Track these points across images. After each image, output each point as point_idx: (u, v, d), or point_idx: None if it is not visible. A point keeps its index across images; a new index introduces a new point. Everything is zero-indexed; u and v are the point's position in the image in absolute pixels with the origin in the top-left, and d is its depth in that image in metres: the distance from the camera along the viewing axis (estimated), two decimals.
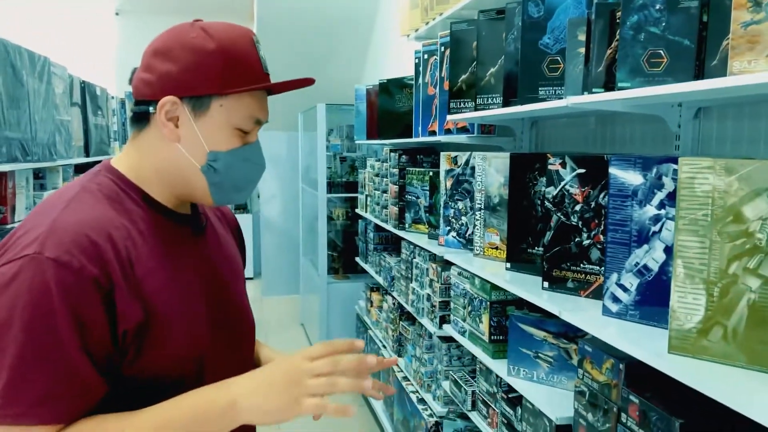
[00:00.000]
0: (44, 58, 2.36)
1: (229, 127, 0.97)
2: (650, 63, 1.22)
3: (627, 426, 1.23)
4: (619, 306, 1.38)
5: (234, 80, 0.94)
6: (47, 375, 0.81)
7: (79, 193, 0.94)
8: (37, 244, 0.84)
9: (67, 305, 0.82)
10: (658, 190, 1.32)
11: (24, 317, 0.81)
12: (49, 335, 0.81)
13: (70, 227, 0.86)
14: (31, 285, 0.81)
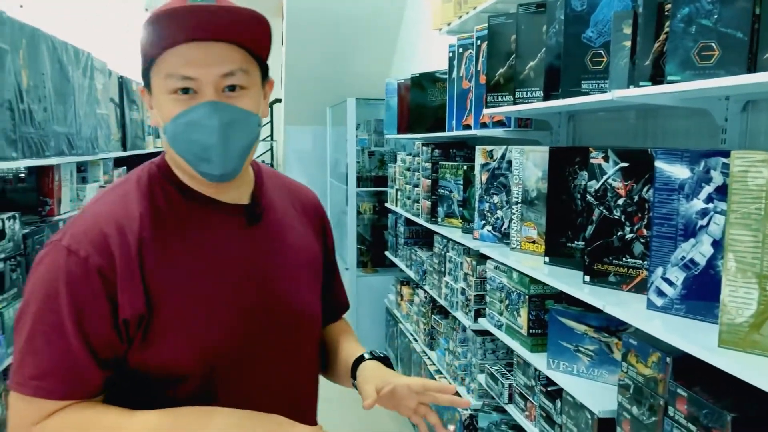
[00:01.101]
0: (87, 53, 2.42)
1: (165, 93, 0.93)
2: (701, 56, 1.21)
3: (674, 419, 1.24)
4: (664, 300, 1.38)
5: (154, 46, 0.92)
6: (46, 352, 0.88)
7: (116, 187, 1.01)
8: (62, 232, 0.93)
9: (69, 290, 0.88)
10: (705, 184, 1.31)
11: (37, 298, 0.89)
12: (51, 316, 0.88)
13: (88, 219, 0.94)
14: (47, 269, 0.90)
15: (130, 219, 0.93)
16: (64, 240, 0.91)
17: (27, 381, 0.88)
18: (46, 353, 0.87)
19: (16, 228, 1.68)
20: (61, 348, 0.88)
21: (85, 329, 0.88)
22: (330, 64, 5.89)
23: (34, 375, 0.87)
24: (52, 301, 0.88)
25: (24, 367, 0.88)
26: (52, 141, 1.98)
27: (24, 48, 1.77)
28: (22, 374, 0.88)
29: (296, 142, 6.74)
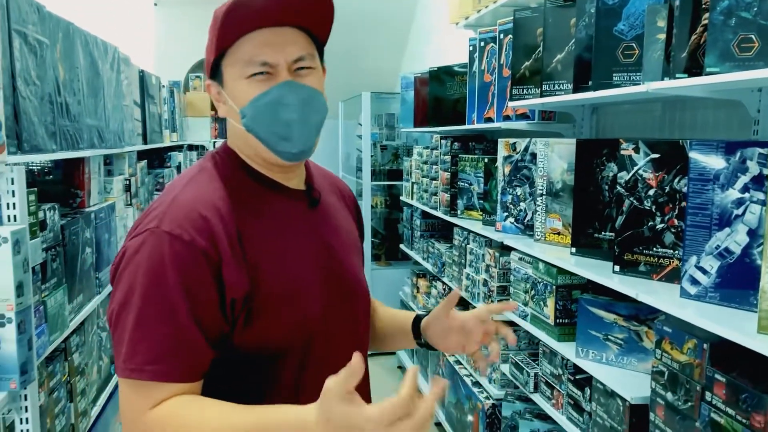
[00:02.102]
0: (115, 47, 2.44)
1: (241, 79, 0.98)
2: (740, 48, 1.23)
3: (712, 404, 1.26)
4: (698, 288, 1.40)
5: (225, 37, 0.97)
6: (159, 337, 0.88)
7: (197, 174, 1.02)
8: (157, 219, 0.93)
9: (179, 274, 0.89)
10: (741, 174, 1.33)
11: (143, 284, 0.89)
12: (162, 300, 0.89)
13: (184, 204, 0.94)
14: (149, 255, 0.90)
15: (223, 202, 0.96)
16: (164, 226, 0.91)
17: (143, 366, 0.87)
18: (161, 336, 0.88)
19: (56, 219, 1.71)
20: (175, 330, 0.89)
21: (196, 311, 0.90)
22: (341, 58, 5.88)
23: (150, 359, 0.88)
24: (160, 286, 0.89)
25: (137, 354, 0.88)
26: (85, 134, 2.01)
27: (60, 42, 1.80)
28: (135, 360, 0.87)
29: None
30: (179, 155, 4.55)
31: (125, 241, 0.96)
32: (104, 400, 2.17)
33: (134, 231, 0.96)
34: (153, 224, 0.92)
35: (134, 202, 2.76)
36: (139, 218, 0.99)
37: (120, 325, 0.90)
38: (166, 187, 1.04)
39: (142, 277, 0.89)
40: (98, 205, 2.24)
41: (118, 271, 0.93)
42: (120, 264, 0.93)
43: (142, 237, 0.92)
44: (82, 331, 1.95)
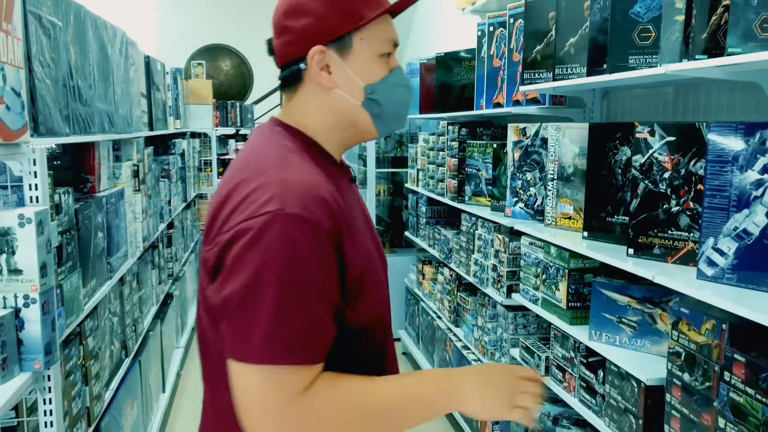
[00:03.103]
0: (123, 32, 2.43)
1: (375, 56, 1.01)
2: (763, 28, 1.23)
3: (731, 384, 1.27)
4: (715, 270, 1.41)
5: (363, 11, 0.99)
6: (300, 321, 0.87)
7: (285, 154, 0.98)
8: (277, 201, 0.88)
9: (313, 257, 0.88)
10: (761, 155, 1.33)
11: (278, 268, 0.86)
12: (301, 284, 0.87)
13: (300, 185, 0.91)
14: (280, 239, 0.86)
15: (327, 184, 0.96)
16: (289, 208, 0.87)
17: (288, 352, 0.86)
18: (303, 320, 0.87)
19: (70, 202, 1.71)
20: (315, 313, 0.88)
21: (327, 293, 0.90)
22: None
23: (295, 344, 0.86)
24: (297, 269, 0.86)
25: (281, 339, 0.85)
26: (96, 118, 2.01)
27: (72, 25, 1.79)
28: (279, 346, 0.85)
29: None
30: (183, 142, 4.54)
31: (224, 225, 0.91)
32: (117, 384, 2.18)
33: (243, 214, 0.89)
34: (275, 206, 0.88)
35: (142, 188, 2.76)
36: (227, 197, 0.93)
37: (250, 309, 0.86)
38: (251, 167, 0.96)
39: (277, 261, 0.86)
40: (108, 190, 2.24)
41: (235, 254, 0.87)
42: (234, 247, 0.87)
43: (264, 219, 0.87)
44: (96, 316, 1.95)
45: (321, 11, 0.99)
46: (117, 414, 2.17)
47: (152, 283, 3.14)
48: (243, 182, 0.93)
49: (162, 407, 3.11)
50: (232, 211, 0.90)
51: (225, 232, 0.89)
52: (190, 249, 4.79)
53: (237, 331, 0.87)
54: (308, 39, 0.99)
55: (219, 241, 0.90)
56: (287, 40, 1.01)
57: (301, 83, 1.03)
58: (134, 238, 2.62)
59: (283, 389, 0.86)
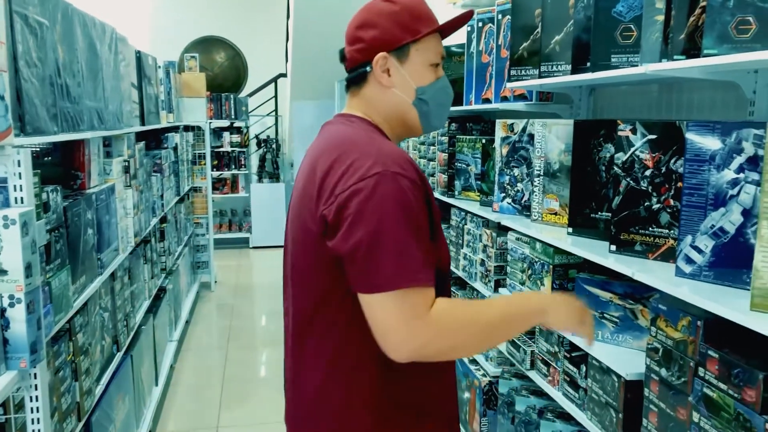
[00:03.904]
0: (112, 28, 2.43)
1: (426, 64, 1.26)
2: (738, 30, 1.25)
3: (705, 380, 1.30)
4: (692, 267, 1.43)
5: (420, 27, 1.24)
6: (417, 252, 1.07)
7: (370, 134, 1.22)
8: (379, 164, 1.10)
9: (416, 202, 1.10)
10: (737, 155, 1.35)
11: (394, 214, 1.07)
12: (412, 224, 1.08)
13: (393, 152, 1.15)
14: (391, 191, 1.08)
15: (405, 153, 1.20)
16: (391, 168, 1.09)
17: (416, 275, 1.06)
18: (421, 251, 1.07)
19: (59, 200, 1.72)
20: (426, 245, 1.10)
21: (427, 230, 1.13)
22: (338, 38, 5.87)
23: (420, 268, 1.07)
24: (407, 213, 1.07)
25: (409, 266, 1.06)
26: (85, 115, 2.02)
27: (59, 23, 1.79)
28: (409, 271, 1.05)
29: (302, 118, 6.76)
30: (176, 136, 4.54)
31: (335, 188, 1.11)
32: (107, 379, 2.20)
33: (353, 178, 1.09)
34: (379, 168, 1.09)
35: (133, 183, 2.77)
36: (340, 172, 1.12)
37: (378, 248, 1.05)
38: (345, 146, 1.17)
39: (392, 208, 1.06)
40: (98, 187, 2.25)
41: (356, 208, 1.06)
42: (351, 203, 1.07)
43: (374, 179, 1.08)
44: (86, 312, 1.97)
45: (386, 25, 1.24)
46: (108, 408, 2.20)
47: (144, 277, 3.16)
48: (343, 154, 1.14)
49: (155, 400, 3.14)
50: (340, 177, 1.11)
51: (339, 193, 1.09)
52: (183, 242, 4.81)
53: (369, 268, 1.06)
54: (375, 47, 1.24)
55: (335, 200, 1.09)
56: (358, 47, 1.26)
57: (365, 83, 1.28)
58: (125, 233, 2.63)
59: (416, 306, 1.06)
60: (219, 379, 3.82)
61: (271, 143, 8.00)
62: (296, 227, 1.22)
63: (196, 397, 3.60)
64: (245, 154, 7.79)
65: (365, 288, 1.08)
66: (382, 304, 1.07)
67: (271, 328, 5.01)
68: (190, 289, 5.18)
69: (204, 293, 5.68)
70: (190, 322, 4.85)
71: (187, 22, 8.28)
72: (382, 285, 1.06)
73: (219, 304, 5.48)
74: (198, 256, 5.72)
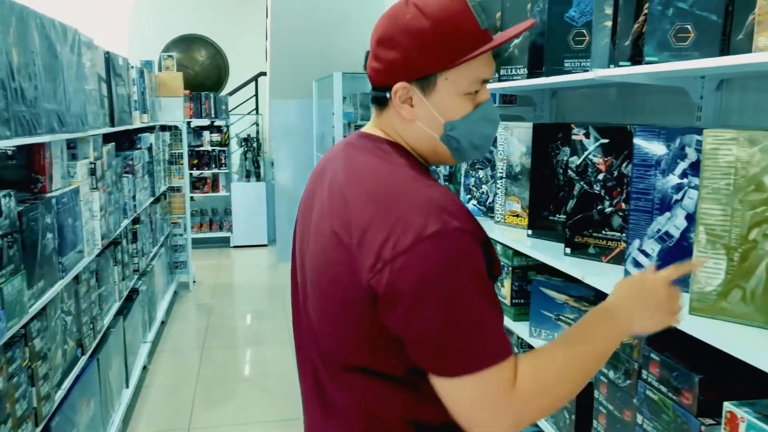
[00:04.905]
0: (75, 30, 2.41)
1: (458, 95, 1.01)
2: (677, 38, 1.27)
3: (647, 382, 1.32)
4: (640, 271, 1.45)
5: (453, 53, 0.97)
6: (491, 323, 0.92)
7: (409, 172, 1.00)
8: (436, 220, 0.90)
9: (482, 264, 0.93)
10: (681, 160, 1.37)
11: (462, 283, 0.90)
12: (482, 291, 0.91)
13: (446, 201, 0.94)
14: (456, 254, 0.90)
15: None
16: (451, 224, 0.90)
17: (496, 351, 0.91)
18: (493, 321, 0.93)
19: (12, 205, 1.71)
20: (496, 312, 0.94)
21: (494, 291, 0.96)
22: (315, 37, 5.87)
23: (500, 343, 0.92)
24: (475, 279, 0.91)
25: (484, 345, 0.91)
26: (43, 118, 2.00)
27: (14, 26, 1.78)
28: (491, 349, 0.91)
29: (282, 116, 6.74)
30: (150, 137, 4.52)
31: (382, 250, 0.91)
32: (70, 384, 2.19)
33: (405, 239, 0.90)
34: (436, 226, 0.90)
35: (100, 185, 2.75)
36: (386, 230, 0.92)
37: (451, 330, 0.89)
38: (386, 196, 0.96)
39: (459, 276, 0.90)
40: (61, 190, 2.24)
41: (416, 279, 0.89)
42: (410, 273, 0.89)
43: (432, 242, 0.89)
44: (44, 316, 1.96)
45: (409, 48, 0.99)
46: (70, 413, 2.18)
47: (114, 279, 3.14)
48: (386, 203, 0.94)
49: (125, 402, 3.12)
50: (388, 236, 0.91)
51: (390, 259, 0.90)
52: (159, 243, 4.78)
53: (444, 350, 0.90)
54: (394, 72, 1.01)
55: (385, 269, 0.90)
56: (376, 67, 1.04)
57: (387, 107, 1.06)
58: (92, 235, 2.62)
59: (501, 386, 0.91)
60: (193, 380, 3.81)
61: (251, 142, 7.97)
62: (322, 271, 1.01)
63: (169, 399, 3.59)
64: (226, 153, 7.76)
65: (440, 371, 0.92)
66: (462, 388, 0.91)
67: (250, 327, 5.00)
68: (167, 289, 5.15)
69: (182, 293, 5.66)
70: (167, 323, 4.82)
71: (167, 20, 8.23)
72: (462, 369, 0.90)
73: (197, 304, 5.46)
74: (176, 256, 5.69)
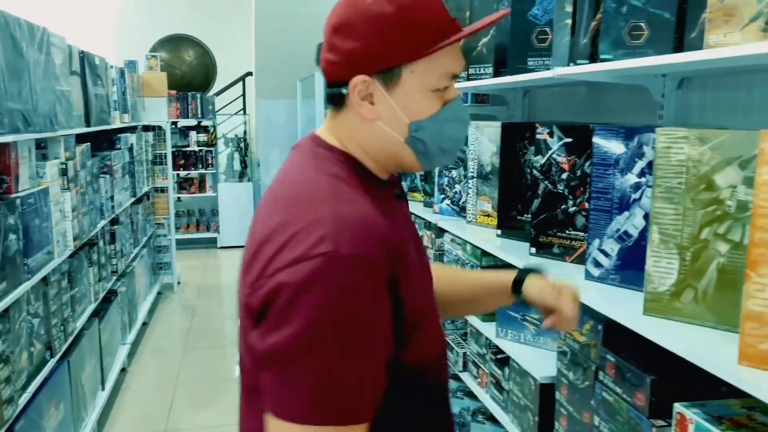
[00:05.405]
0: (42, 28, 2.39)
1: (425, 91, 0.89)
2: (632, 35, 1.26)
3: (603, 383, 1.31)
4: (600, 270, 1.44)
5: (420, 42, 0.87)
6: (348, 379, 0.78)
7: (335, 183, 0.88)
8: (330, 240, 0.78)
9: (370, 306, 0.79)
10: (639, 159, 1.36)
11: (330, 321, 0.77)
12: (353, 339, 0.78)
13: (356, 222, 0.82)
14: (334, 285, 0.77)
15: (380, 215, 0.86)
16: (344, 249, 0.78)
17: (334, 412, 0.77)
18: (351, 378, 0.78)
19: None
20: (365, 369, 0.80)
21: (381, 343, 0.82)
22: (300, 37, 5.85)
23: (341, 403, 0.78)
24: (349, 321, 0.77)
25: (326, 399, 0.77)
26: (6, 118, 1.98)
27: None
28: (324, 406, 0.77)
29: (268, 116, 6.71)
30: (132, 137, 4.49)
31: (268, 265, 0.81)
32: (36, 387, 2.16)
33: (291, 254, 0.79)
34: (328, 247, 0.78)
35: (72, 186, 2.72)
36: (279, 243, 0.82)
37: (296, 364, 0.77)
38: (295, 202, 0.86)
39: (329, 311, 0.77)
40: (28, 191, 2.21)
41: (284, 301, 0.78)
42: (282, 293, 0.78)
43: (317, 262, 0.77)
44: (7, 319, 1.93)
45: (370, 37, 0.87)
46: (36, 416, 2.16)
47: (89, 281, 3.11)
48: (289, 218, 0.83)
49: (99, 405, 3.09)
50: (278, 250, 0.81)
51: (271, 275, 0.80)
52: (141, 243, 4.75)
53: (280, 386, 0.79)
54: (353, 64, 0.89)
55: (264, 284, 0.80)
56: (332, 59, 0.91)
57: (344, 106, 0.93)
58: (62, 237, 2.59)
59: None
60: (172, 382, 3.79)
61: (238, 142, 7.94)
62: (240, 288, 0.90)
63: (147, 401, 3.56)
64: (213, 154, 7.73)
65: (269, 405, 0.80)
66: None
67: (234, 328, 4.98)
68: (150, 290, 5.12)
69: (166, 294, 5.62)
70: (149, 324, 4.79)
71: (155, 20, 8.19)
72: (289, 413, 0.77)
73: (181, 305, 5.43)
74: (159, 257, 5.65)
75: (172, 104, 7.18)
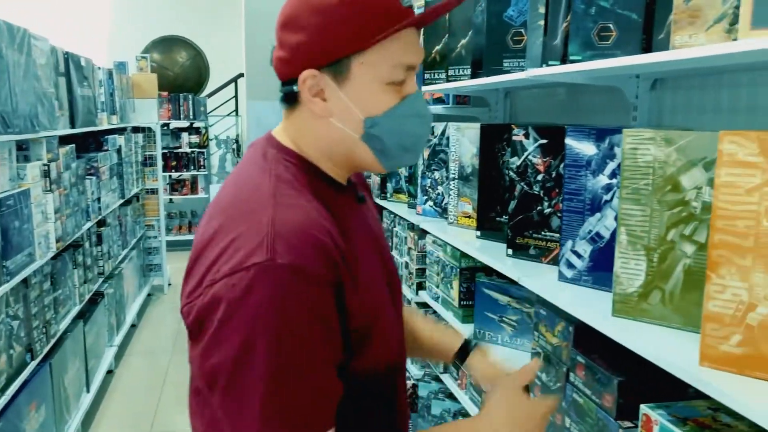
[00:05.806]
0: (23, 29, 2.38)
1: (379, 84, 0.85)
2: (600, 36, 1.26)
3: (574, 384, 1.30)
4: (573, 272, 1.44)
5: (368, 30, 0.83)
6: (299, 390, 0.76)
7: (278, 186, 0.85)
8: (265, 249, 0.75)
9: (311, 316, 0.76)
10: (610, 160, 1.36)
11: (270, 333, 0.74)
12: (297, 349, 0.75)
13: (294, 228, 0.78)
14: (270, 296, 0.74)
15: (325, 220, 0.83)
16: (280, 258, 0.74)
17: (289, 426, 0.75)
18: (302, 388, 0.76)
19: None
20: (315, 377, 0.77)
21: (331, 353, 0.80)
22: None
23: (295, 415, 0.76)
24: (290, 332, 0.74)
25: (278, 414, 0.75)
26: None
27: None
28: (277, 421, 0.75)
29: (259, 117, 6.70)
30: (120, 138, 4.47)
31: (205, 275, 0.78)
32: (15, 389, 2.15)
33: (226, 265, 0.76)
34: (262, 256, 0.74)
35: (55, 188, 2.71)
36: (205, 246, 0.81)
37: (242, 382, 0.75)
38: (238, 207, 0.83)
39: (268, 324, 0.73)
40: (7, 192, 2.20)
41: (220, 316, 0.75)
42: (217, 307, 0.75)
43: (251, 273, 0.74)
44: None
45: (315, 28, 0.84)
46: (16, 419, 2.15)
47: (74, 283, 3.10)
48: (228, 223, 0.81)
49: (84, 407, 3.08)
50: (215, 260, 0.78)
51: (205, 286, 0.77)
52: (130, 245, 4.74)
53: (229, 406, 0.76)
54: (301, 59, 0.85)
55: (200, 296, 0.77)
56: (282, 56, 0.88)
57: (297, 104, 0.90)
58: (44, 238, 2.58)
59: None
60: (159, 384, 3.77)
61: (230, 143, 7.93)
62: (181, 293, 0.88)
63: (133, 402, 3.55)
64: (204, 155, 7.71)
65: (222, 425, 0.78)
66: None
67: None
68: (139, 292, 5.10)
69: (156, 296, 5.61)
70: (138, 326, 4.78)
71: (147, 21, 8.17)
72: (243, 428, 0.75)
73: (172, 307, 5.41)
74: (149, 259, 5.64)
75: (164, 106, 7.17)
